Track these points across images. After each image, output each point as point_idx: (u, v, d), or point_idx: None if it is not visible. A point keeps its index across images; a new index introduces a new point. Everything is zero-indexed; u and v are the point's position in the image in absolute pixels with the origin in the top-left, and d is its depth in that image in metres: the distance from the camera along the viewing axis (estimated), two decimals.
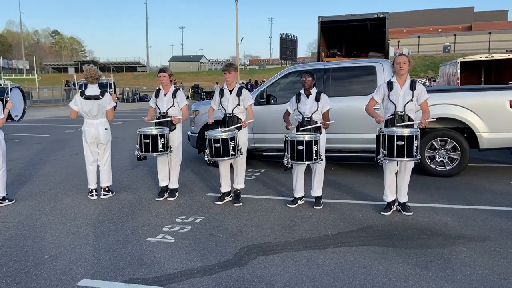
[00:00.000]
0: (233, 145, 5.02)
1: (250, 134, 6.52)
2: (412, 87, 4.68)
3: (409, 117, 4.70)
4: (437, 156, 6.68)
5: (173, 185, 5.74)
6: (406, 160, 4.60)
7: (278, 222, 4.64)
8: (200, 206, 5.31)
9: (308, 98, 5.11)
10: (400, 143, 4.45)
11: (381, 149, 4.58)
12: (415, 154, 4.47)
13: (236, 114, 5.30)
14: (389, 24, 12.90)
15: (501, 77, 13.66)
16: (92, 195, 5.70)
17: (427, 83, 30.96)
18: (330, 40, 14.60)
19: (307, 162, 4.87)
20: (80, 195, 5.87)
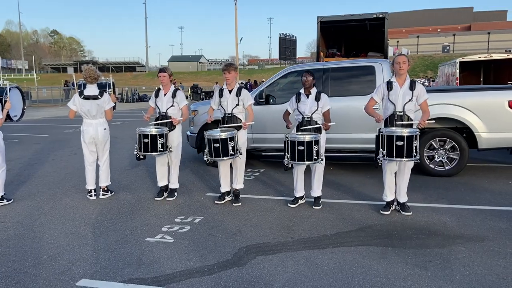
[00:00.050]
0: (233, 145, 5.02)
1: (249, 134, 6.52)
2: (412, 87, 4.68)
3: (409, 117, 4.70)
4: (436, 156, 6.68)
5: (173, 185, 5.74)
6: (406, 160, 4.61)
7: (277, 222, 4.64)
8: (199, 206, 5.31)
9: (308, 98, 5.11)
10: (400, 143, 4.45)
11: (381, 149, 4.59)
12: (415, 154, 4.47)
13: (236, 114, 5.30)
14: (388, 24, 12.92)
15: (500, 77, 13.68)
16: (91, 195, 5.69)
17: (426, 83, 30.95)
18: (329, 40, 14.62)
19: (308, 162, 4.88)
20: (79, 195, 5.86)
